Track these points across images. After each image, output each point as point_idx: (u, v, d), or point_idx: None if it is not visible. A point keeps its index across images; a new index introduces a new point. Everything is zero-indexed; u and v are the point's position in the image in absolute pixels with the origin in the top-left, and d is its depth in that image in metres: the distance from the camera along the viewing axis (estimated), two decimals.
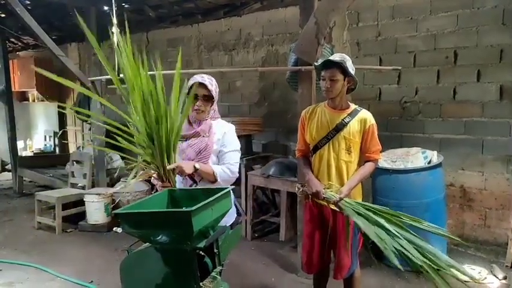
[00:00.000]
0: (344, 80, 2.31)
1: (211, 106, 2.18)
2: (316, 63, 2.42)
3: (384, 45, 4.21)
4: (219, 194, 1.64)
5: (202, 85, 2.12)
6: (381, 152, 2.45)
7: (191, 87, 2.06)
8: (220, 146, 2.18)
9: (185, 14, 5.63)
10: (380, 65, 4.22)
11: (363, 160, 2.42)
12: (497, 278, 3.20)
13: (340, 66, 2.27)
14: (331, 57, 2.31)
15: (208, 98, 2.15)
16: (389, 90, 4.23)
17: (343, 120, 2.35)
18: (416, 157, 3.51)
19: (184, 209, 1.65)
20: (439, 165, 3.43)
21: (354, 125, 2.35)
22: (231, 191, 1.79)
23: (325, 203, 2.35)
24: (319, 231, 2.47)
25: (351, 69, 2.31)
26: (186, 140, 2.15)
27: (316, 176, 2.43)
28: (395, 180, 3.37)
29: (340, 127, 2.35)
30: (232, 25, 5.47)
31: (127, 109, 1.80)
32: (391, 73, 4.11)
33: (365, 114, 2.38)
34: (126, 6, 5.34)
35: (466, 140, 3.83)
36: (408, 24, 4.04)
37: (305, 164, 2.53)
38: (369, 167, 2.38)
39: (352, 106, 2.42)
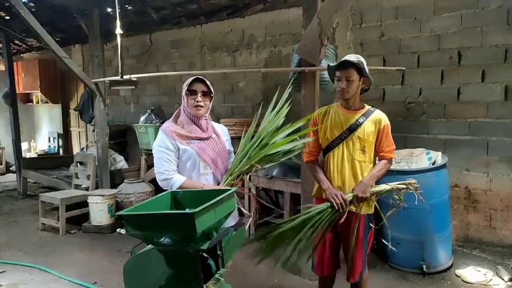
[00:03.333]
0: (359, 80, 2.30)
1: (210, 102, 2.26)
2: (331, 64, 2.42)
3: (388, 46, 4.19)
4: (223, 196, 1.64)
5: (200, 80, 2.20)
6: (394, 149, 2.43)
7: (189, 84, 2.19)
8: (228, 146, 2.36)
9: (188, 15, 5.64)
10: (384, 66, 4.20)
11: (377, 159, 2.42)
12: (503, 279, 3.17)
13: (356, 67, 2.26)
14: (347, 57, 2.29)
15: (207, 94, 2.22)
16: (393, 90, 4.22)
17: (357, 120, 2.34)
18: (420, 158, 3.49)
19: (187, 210, 1.65)
20: (443, 166, 3.41)
21: (368, 126, 2.34)
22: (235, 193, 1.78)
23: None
24: (331, 233, 2.43)
25: (367, 69, 2.31)
26: (201, 141, 2.22)
27: (329, 176, 2.40)
28: (399, 181, 3.34)
29: (354, 127, 2.34)
30: (235, 26, 5.47)
31: (130, 110, 1.84)
32: (395, 74, 4.10)
33: (379, 114, 2.38)
34: (129, 8, 5.36)
35: (471, 141, 3.80)
36: (412, 24, 4.02)
37: (318, 172, 2.44)
38: (383, 165, 2.37)
39: (366, 106, 2.42)
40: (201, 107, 2.18)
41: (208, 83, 2.22)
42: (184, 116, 2.24)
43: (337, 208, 2.22)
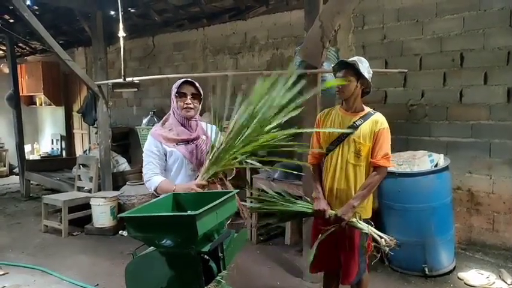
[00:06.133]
0: (357, 81, 2.29)
1: (199, 104, 2.28)
2: (333, 65, 2.44)
3: (390, 48, 4.19)
4: (224, 198, 1.64)
5: (189, 83, 2.24)
6: (389, 157, 2.31)
7: (178, 87, 2.21)
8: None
9: (191, 18, 5.66)
10: (386, 68, 4.20)
11: (372, 166, 2.33)
12: (506, 282, 3.15)
13: (354, 68, 2.26)
14: (353, 59, 2.31)
15: (196, 96, 2.25)
16: (395, 93, 4.21)
17: (354, 123, 2.33)
18: (422, 160, 3.48)
19: (189, 212, 1.65)
20: (445, 168, 3.40)
21: (365, 128, 2.31)
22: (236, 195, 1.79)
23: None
24: (329, 235, 2.44)
25: (366, 72, 2.29)
26: (189, 143, 2.23)
27: (324, 177, 2.43)
28: (401, 183, 3.34)
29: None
30: (238, 29, 5.48)
31: (132, 112, 1.85)
32: (397, 76, 4.09)
33: (377, 117, 2.34)
34: (132, 10, 5.39)
35: (473, 143, 3.79)
36: (414, 26, 4.02)
37: (316, 179, 2.48)
38: (370, 179, 2.29)
39: (366, 109, 2.39)
40: (191, 108, 2.22)
41: (197, 85, 2.25)
42: (174, 119, 2.26)
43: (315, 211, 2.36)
